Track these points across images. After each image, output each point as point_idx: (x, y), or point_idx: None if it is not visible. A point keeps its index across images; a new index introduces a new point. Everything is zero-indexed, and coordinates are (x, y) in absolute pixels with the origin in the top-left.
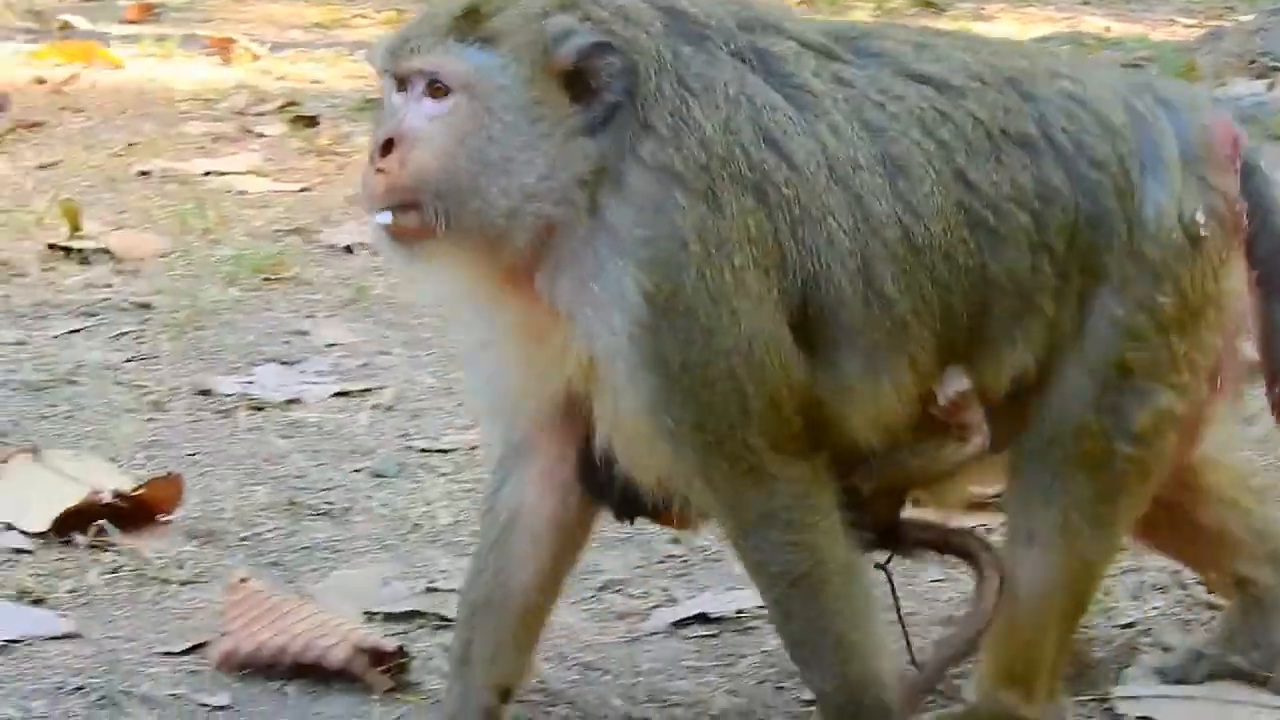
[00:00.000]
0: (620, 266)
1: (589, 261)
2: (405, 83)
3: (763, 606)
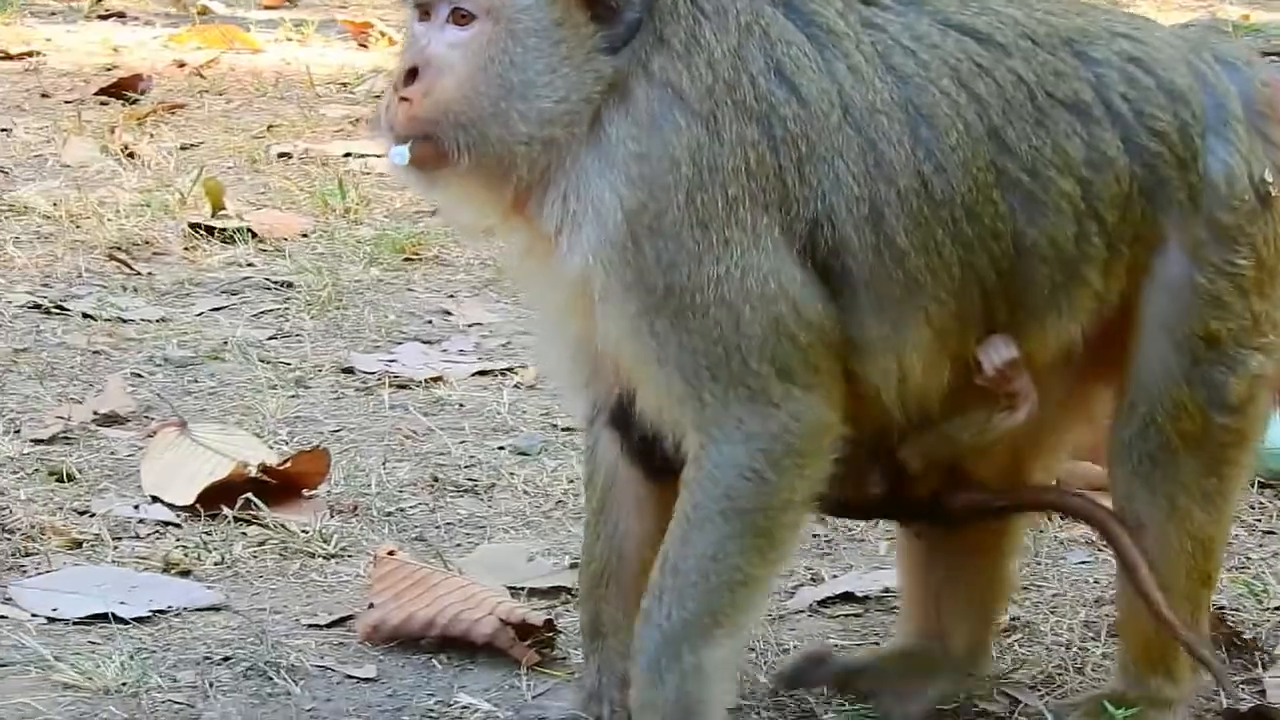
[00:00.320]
0: (606, 181)
1: (575, 176)
2: (429, 11)
3: None
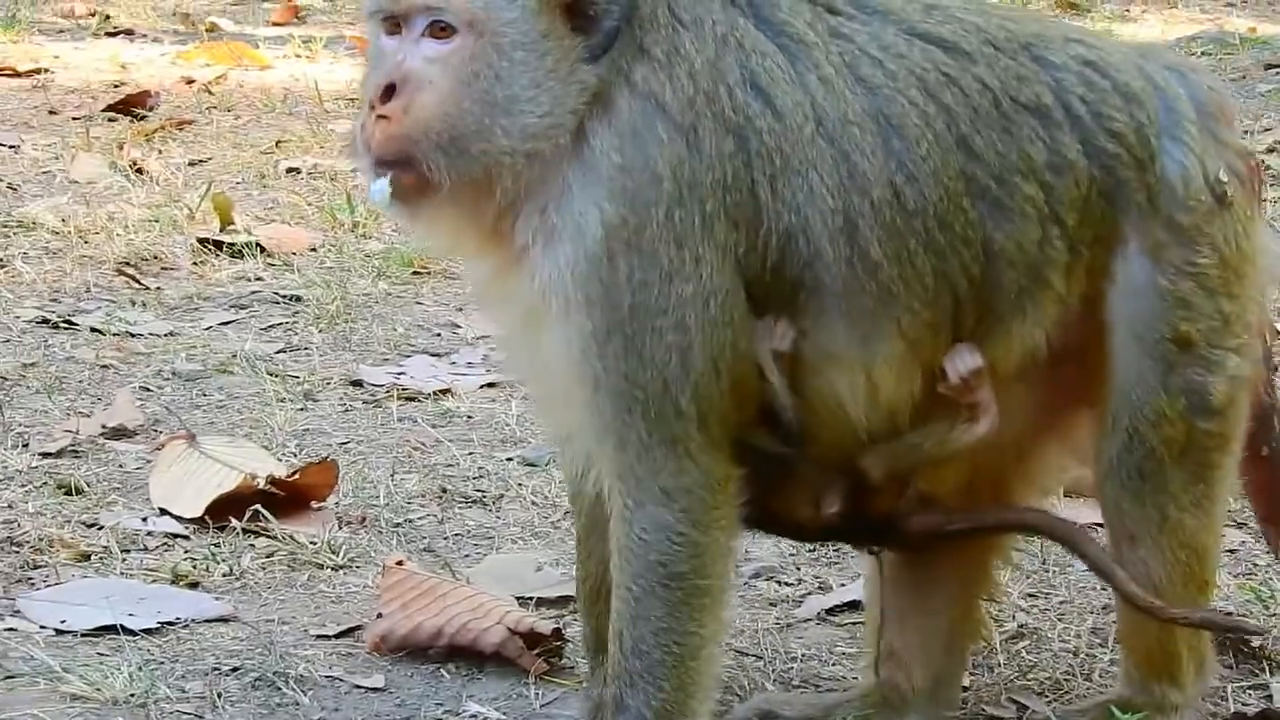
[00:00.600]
0: (589, 195)
1: (556, 189)
2: (401, 24)
3: None
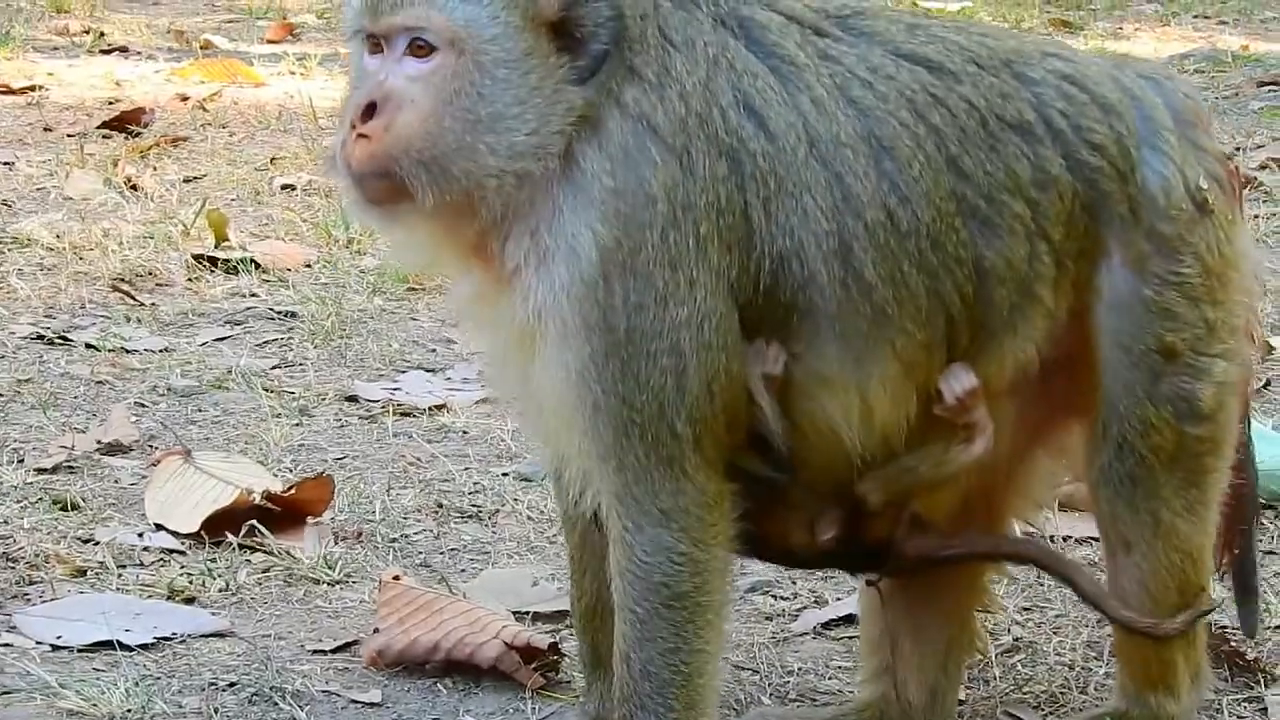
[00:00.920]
0: (581, 217)
1: (547, 211)
2: (382, 43)
3: None
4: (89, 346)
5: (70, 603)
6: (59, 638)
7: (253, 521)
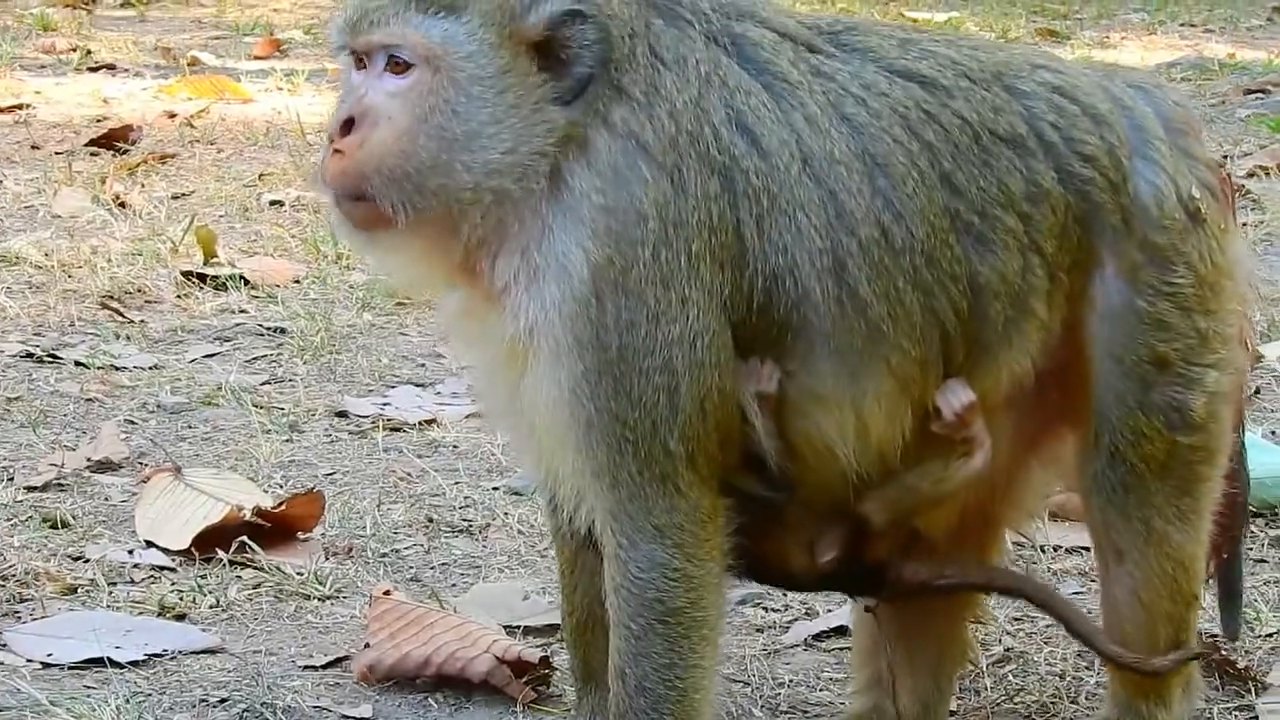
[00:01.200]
0: (572, 236)
1: (536, 230)
2: (365, 59)
3: None
4: (78, 364)
5: (61, 620)
6: (50, 655)
7: (243, 538)
